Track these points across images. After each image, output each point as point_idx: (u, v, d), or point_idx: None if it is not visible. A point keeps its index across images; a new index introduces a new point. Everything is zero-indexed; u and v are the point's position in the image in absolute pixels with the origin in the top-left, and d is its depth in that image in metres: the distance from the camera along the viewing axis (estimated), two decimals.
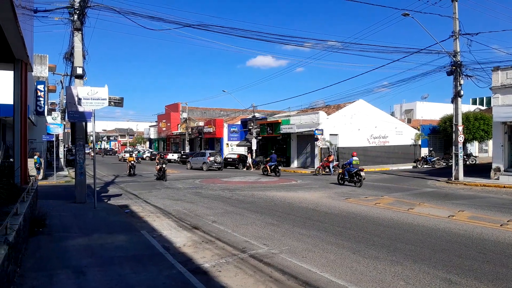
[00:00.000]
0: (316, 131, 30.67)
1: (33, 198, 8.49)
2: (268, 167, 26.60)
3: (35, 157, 22.28)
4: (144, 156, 57.64)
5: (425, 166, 32.95)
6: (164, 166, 22.34)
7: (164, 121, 68.21)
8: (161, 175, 22.27)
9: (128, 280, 5.36)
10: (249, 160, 36.39)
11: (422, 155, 36.15)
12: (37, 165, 22.18)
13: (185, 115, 56.44)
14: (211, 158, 32.41)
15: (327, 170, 26.78)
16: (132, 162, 26.76)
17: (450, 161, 24.16)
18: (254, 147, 38.12)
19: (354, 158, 18.80)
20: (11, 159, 9.31)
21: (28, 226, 7.52)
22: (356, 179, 18.27)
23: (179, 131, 60.61)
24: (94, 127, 12.25)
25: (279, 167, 26.74)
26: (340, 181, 19.30)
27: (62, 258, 6.39)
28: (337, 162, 27.81)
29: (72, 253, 6.71)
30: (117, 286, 5.13)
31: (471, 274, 5.76)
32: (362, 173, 18.13)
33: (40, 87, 25.62)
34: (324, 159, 28.22)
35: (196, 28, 16.88)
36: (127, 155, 42.43)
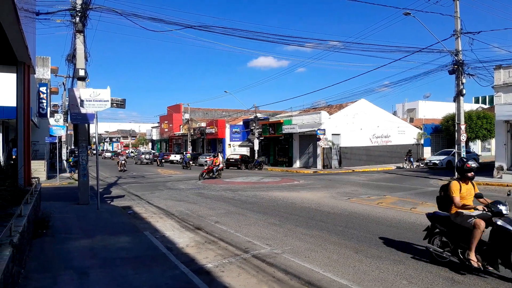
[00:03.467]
0: (318, 131, 30.66)
1: (36, 200, 8.53)
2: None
3: (71, 158, 26.65)
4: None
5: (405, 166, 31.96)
6: None
7: (166, 122, 68.35)
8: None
9: (131, 281, 5.38)
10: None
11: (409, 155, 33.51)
12: (72, 163, 25.68)
13: (187, 116, 56.49)
14: (142, 156, 47.08)
15: (211, 174, 23.38)
16: None
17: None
18: (256, 147, 38.14)
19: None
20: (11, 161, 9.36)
21: (32, 227, 7.56)
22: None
23: (181, 132, 60.70)
24: (96, 128, 12.31)
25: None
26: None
27: (65, 259, 6.42)
28: (222, 165, 25.02)
29: (75, 254, 6.74)
30: (120, 287, 5.15)
31: (474, 273, 5.75)
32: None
33: (43, 89, 25.72)
34: (211, 159, 25.71)
35: (198, 29, 16.94)
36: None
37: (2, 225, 4.70)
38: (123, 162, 32.78)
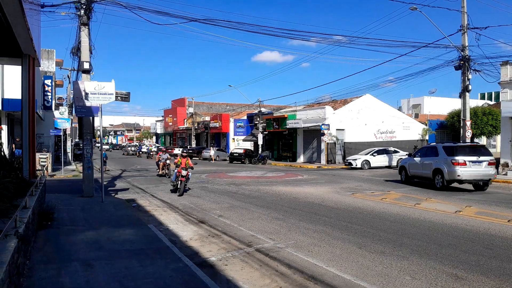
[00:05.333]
0: (323, 126, 30.59)
1: (41, 192, 8.57)
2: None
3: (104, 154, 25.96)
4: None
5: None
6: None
7: (171, 116, 68.43)
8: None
9: (135, 273, 5.41)
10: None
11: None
12: (104, 158, 24.25)
13: (191, 110, 56.59)
14: (129, 148, 55.28)
15: (184, 185, 14.82)
16: None
17: None
18: (260, 142, 38.15)
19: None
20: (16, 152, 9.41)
21: (37, 219, 7.61)
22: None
23: (185, 126, 60.78)
24: (101, 121, 12.32)
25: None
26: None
27: (70, 251, 6.46)
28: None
29: (80, 246, 6.78)
30: (125, 278, 5.18)
31: (478, 269, 5.74)
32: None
33: (48, 82, 25.81)
34: (178, 160, 15.89)
35: (203, 23, 16.92)
36: None
37: (7, 216, 4.73)
38: (167, 162, 21.18)
